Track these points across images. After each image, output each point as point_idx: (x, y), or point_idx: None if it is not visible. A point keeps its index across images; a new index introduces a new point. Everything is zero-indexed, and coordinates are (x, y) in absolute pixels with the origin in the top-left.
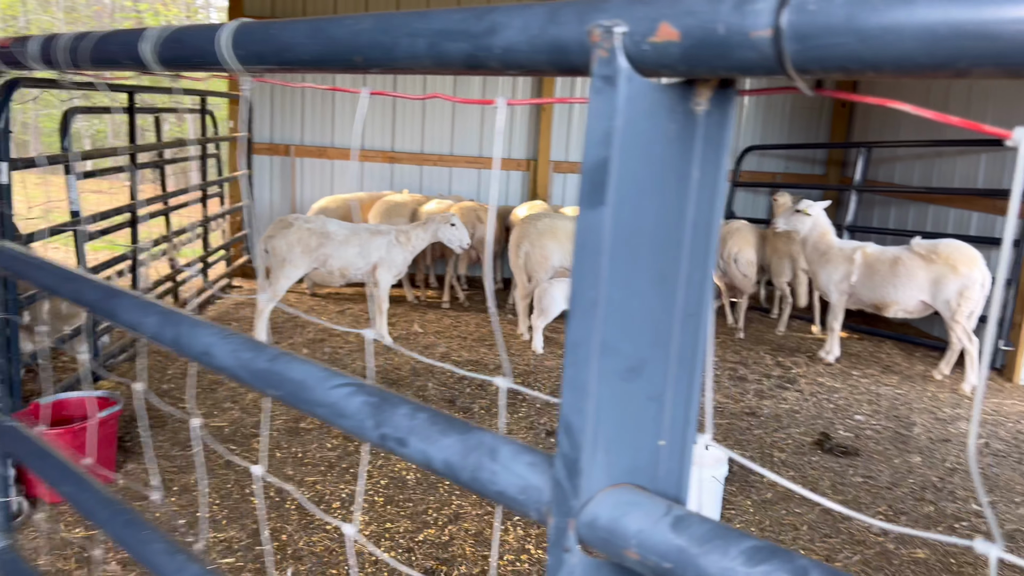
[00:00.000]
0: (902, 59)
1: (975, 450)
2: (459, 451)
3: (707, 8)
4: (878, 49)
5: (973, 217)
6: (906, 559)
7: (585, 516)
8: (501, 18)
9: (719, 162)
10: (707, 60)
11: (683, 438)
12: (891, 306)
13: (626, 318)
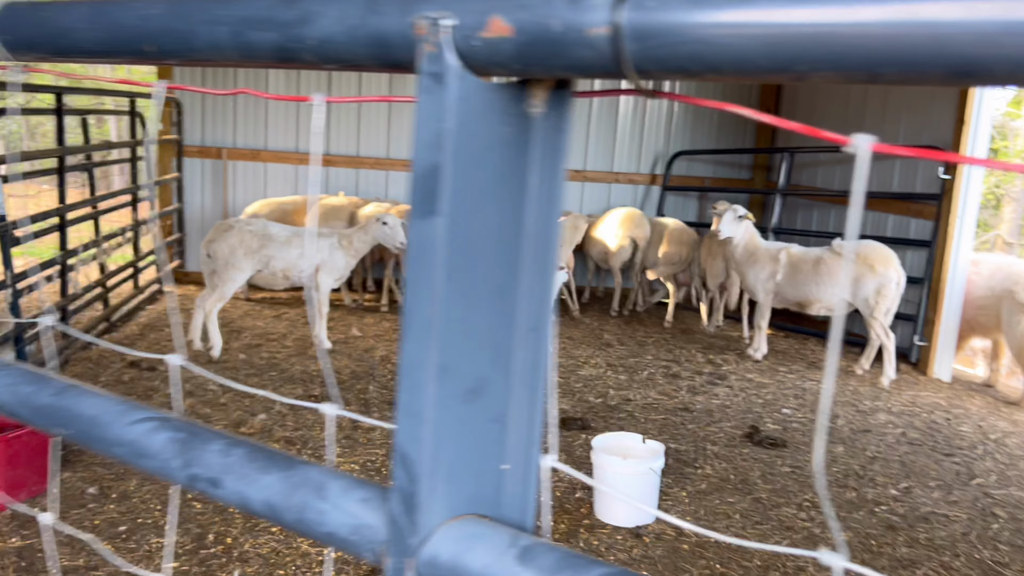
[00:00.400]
0: (743, 61)
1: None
2: (282, 490)
3: (542, 2)
4: (719, 50)
5: (889, 219)
6: (831, 542)
7: (425, 554)
8: (315, 6)
9: (557, 167)
10: (543, 58)
11: (527, 460)
12: (814, 304)
13: (465, 336)
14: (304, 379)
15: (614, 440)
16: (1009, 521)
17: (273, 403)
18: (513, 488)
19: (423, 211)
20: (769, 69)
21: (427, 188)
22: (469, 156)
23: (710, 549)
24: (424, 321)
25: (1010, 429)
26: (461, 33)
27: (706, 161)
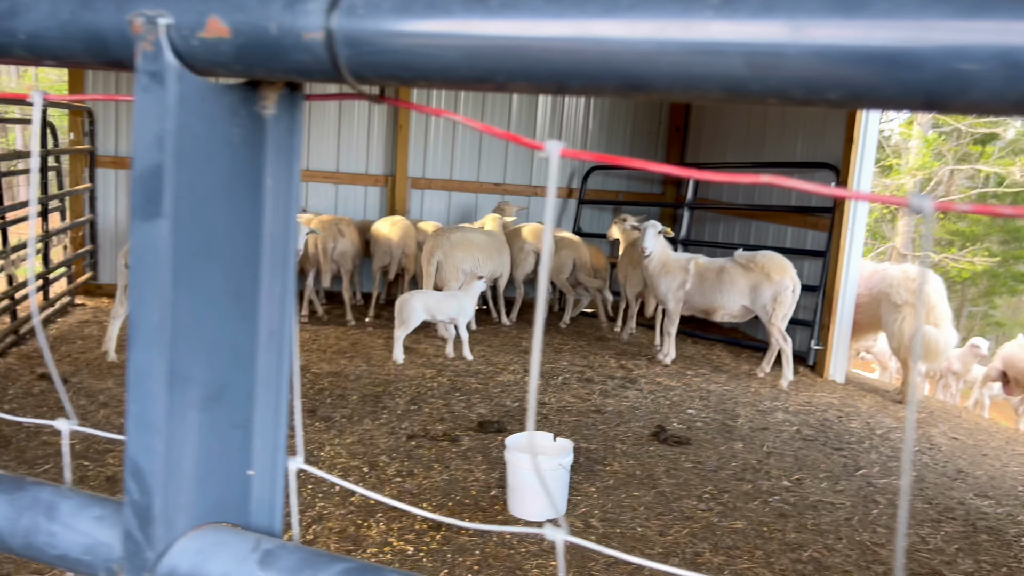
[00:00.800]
0: (448, 70)
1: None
2: (8, 514)
3: (258, 5)
4: (426, 59)
5: (788, 231)
6: (727, 529)
7: (163, 567)
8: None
9: (291, 169)
10: (263, 61)
11: (273, 464)
12: (718, 311)
13: (199, 342)
14: None
15: (526, 439)
16: (888, 507)
17: None
18: (260, 493)
19: (145, 213)
20: (472, 78)
21: (149, 190)
22: (194, 157)
23: (615, 539)
24: (151, 327)
25: (895, 425)
26: (179, 32)
27: (620, 176)
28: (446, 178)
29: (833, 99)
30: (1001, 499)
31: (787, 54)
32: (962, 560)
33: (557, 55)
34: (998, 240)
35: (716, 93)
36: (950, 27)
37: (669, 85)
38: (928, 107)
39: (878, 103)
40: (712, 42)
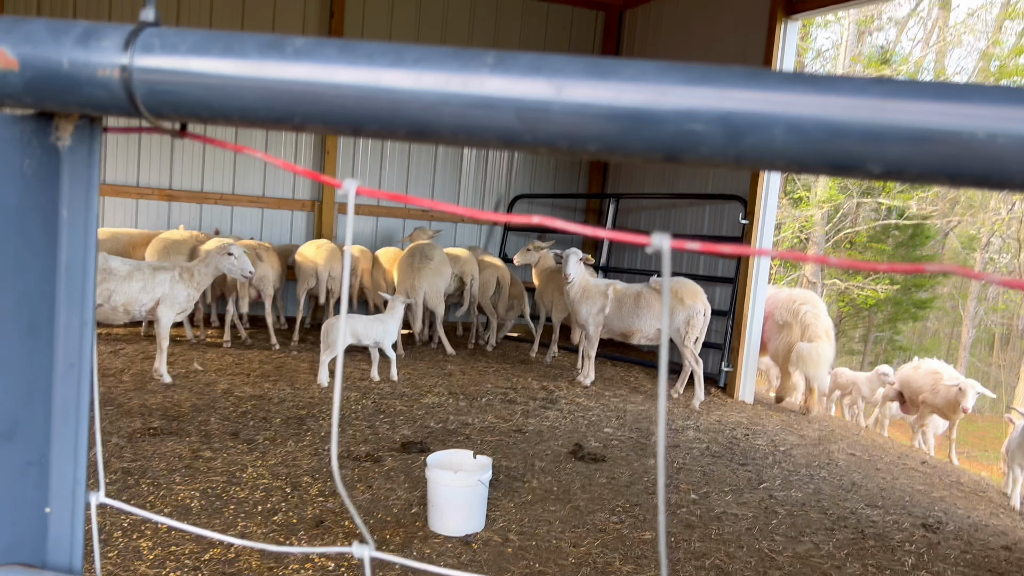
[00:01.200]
0: (245, 110)
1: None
2: None
3: (49, 39)
4: (223, 99)
5: (700, 259)
6: (637, 540)
7: None
8: None
9: (89, 201)
10: (56, 94)
11: (72, 500)
12: (635, 334)
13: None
14: (142, 412)
15: (447, 457)
16: (786, 517)
17: (111, 435)
18: (60, 530)
19: None
20: (269, 119)
21: None
22: (13, 185)
23: (531, 552)
24: None
25: (797, 442)
26: None
27: (544, 204)
28: (373, 204)
29: (592, 150)
30: (889, 508)
31: (551, 110)
32: (851, 564)
33: (351, 101)
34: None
35: (494, 142)
36: (681, 93)
37: (453, 133)
38: (669, 159)
39: (629, 155)
40: (488, 96)
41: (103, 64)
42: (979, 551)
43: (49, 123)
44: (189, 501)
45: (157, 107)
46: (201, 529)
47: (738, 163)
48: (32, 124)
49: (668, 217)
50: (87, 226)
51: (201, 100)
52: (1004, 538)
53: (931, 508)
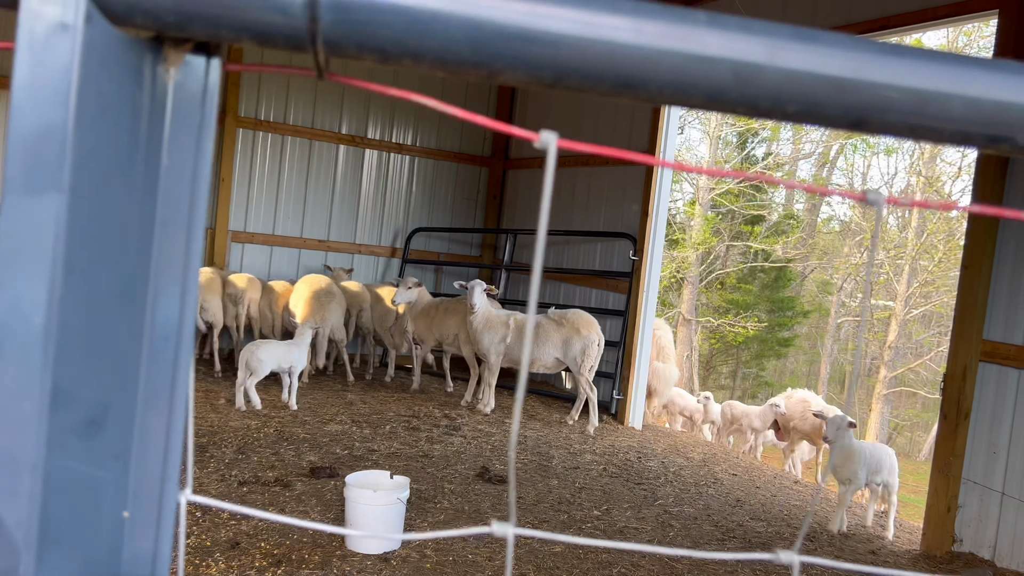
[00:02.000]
0: (446, 51)
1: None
2: None
3: None
4: (424, 36)
5: (593, 293)
6: (548, 553)
7: None
8: None
9: (200, 149)
10: (214, 16)
11: (159, 503)
12: (535, 363)
13: (87, 351)
14: None
15: (364, 477)
16: (682, 530)
17: None
18: (139, 543)
19: (29, 186)
20: (470, 62)
21: (38, 156)
22: (97, 121)
23: (448, 566)
24: (31, 333)
25: (685, 464)
26: None
27: (441, 238)
28: (268, 232)
29: (790, 111)
30: (771, 521)
31: (765, 71)
32: (742, 570)
33: (564, 48)
34: (766, 309)
35: (698, 99)
36: (878, 63)
37: (661, 88)
38: (854, 125)
39: (820, 119)
40: (706, 54)
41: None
42: (850, 556)
43: (158, 50)
44: None
45: (340, 40)
46: (317, 524)
47: (913, 132)
48: (143, 50)
49: (562, 252)
50: (195, 178)
51: (397, 37)
52: (870, 544)
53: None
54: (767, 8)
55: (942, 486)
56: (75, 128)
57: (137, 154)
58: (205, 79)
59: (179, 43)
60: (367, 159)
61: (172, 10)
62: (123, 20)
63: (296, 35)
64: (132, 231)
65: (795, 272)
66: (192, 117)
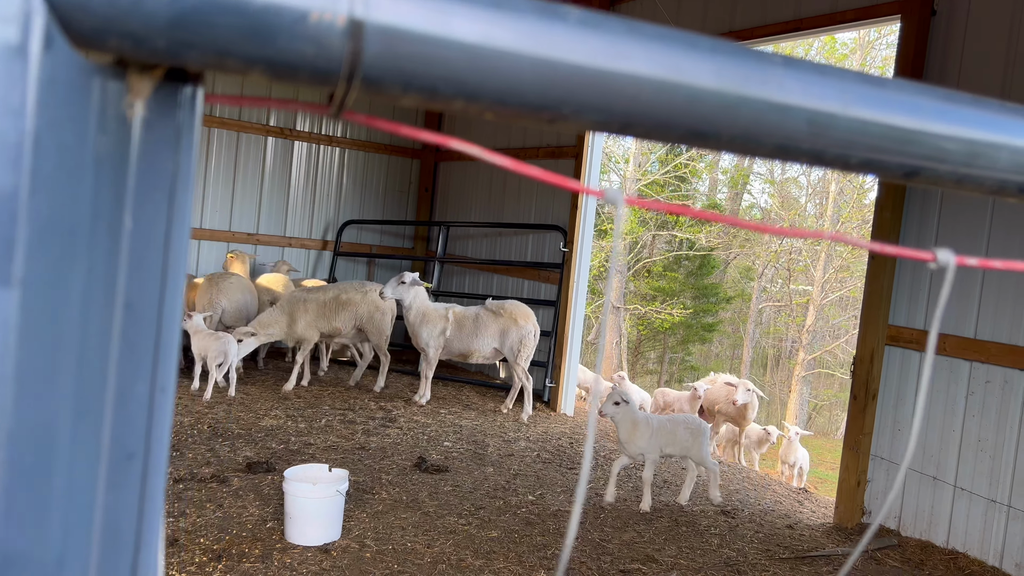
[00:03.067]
0: (508, 94)
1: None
2: None
3: None
4: (488, 75)
5: (525, 284)
6: (485, 538)
7: None
8: None
9: (174, 205)
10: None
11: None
12: (474, 354)
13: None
14: None
15: (302, 471)
16: (611, 512)
17: None
18: None
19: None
20: (533, 106)
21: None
22: (55, 182)
23: (389, 555)
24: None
25: (615, 448)
26: None
27: (373, 230)
28: (196, 226)
29: (853, 164)
30: (696, 500)
31: (837, 121)
32: (668, 547)
33: (644, 91)
34: (691, 295)
35: (768, 150)
36: (938, 112)
37: (733, 138)
38: (908, 176)
39: (882, 170)
40: (785, 102)
41: (320, 7)
42: (769, 531)
43: (120, 79)
44: None
45: (382, 75)
46: None
47: (959, 183)
48: (105, 78)
49: (495, 244)
50: (168, 244)
51: (455, 72)
52: (787, 519)
53: (729, 498)
54: (688, 9)
55: (852, 462)
56: (30, 196)
57: (99, 221)
58: (182, 115)
59: (147, 68)
60: (296, 151)
61: (164, 33)
62: (89, 43)
63: (328, 68)
64: (96, 319)
65: (718, 260)
66: (163, 165)
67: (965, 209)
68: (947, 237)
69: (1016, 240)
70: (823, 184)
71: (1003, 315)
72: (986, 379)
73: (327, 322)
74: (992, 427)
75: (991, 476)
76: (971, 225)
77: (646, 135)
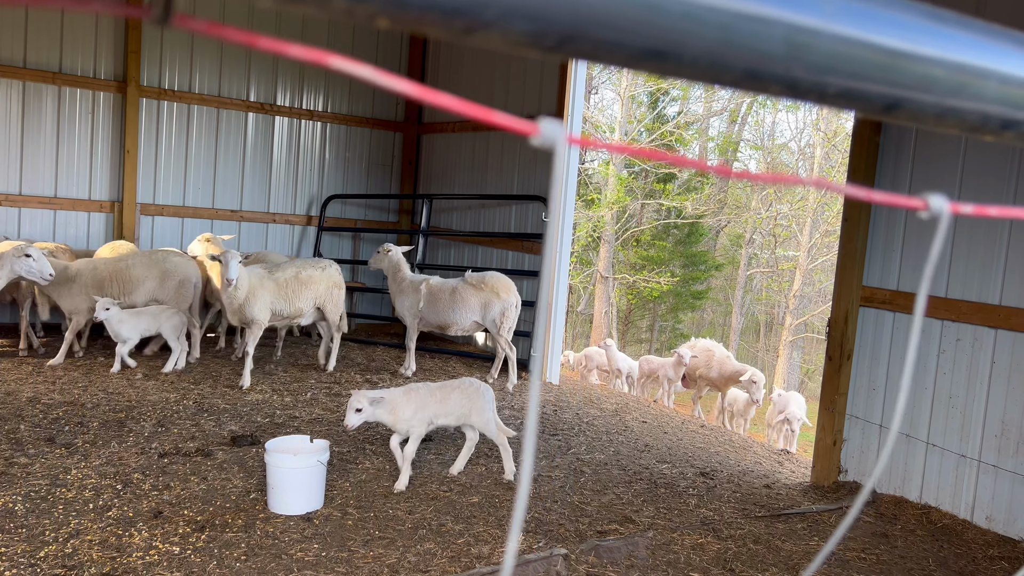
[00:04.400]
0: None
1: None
2: None
3: None
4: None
5: (509, 255)
6: (465, 504)
7: None
8: None
9: None
10: None
11: None
12: (452, 326)
13: None
14: None
15: (285, 442)
16: (592, 475)
17: None
18: None
19: None
20: (448, 6)
21: None
22: None
23: (370, 522)
24: None
25: (598, 415)
26: None
27: (358, 204)
28: (179, 204)
29: (830, 94)
30: (675, 463)
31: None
32: (647, 508)
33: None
34: (679, 264)
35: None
36: (931, 33)
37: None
38: (887, 110)
39: (859, 103)
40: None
41: None
42: (746, 491)
43: None
44: (12, 505)
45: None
46: None
47: (939, 119)
48: None
49: (478, 216)
50: None
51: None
52: (766, 479)
53: (709, 461)
54: None
55: (828, 422)
56: None
57: None
58: None
59: None
60: (277, 126)
61: None
62: None
63: None
64: None
65: (706, 227)
66: None
67: (938, 158)
68: (921, 188)
69: (987, 189)
70: (811, 149)
71: (972, 274)
72: (956, 337)
73: (288, 304)
74: (963, 384)
75: (962, 432)
76: (944, 175)
77: (591, 54)
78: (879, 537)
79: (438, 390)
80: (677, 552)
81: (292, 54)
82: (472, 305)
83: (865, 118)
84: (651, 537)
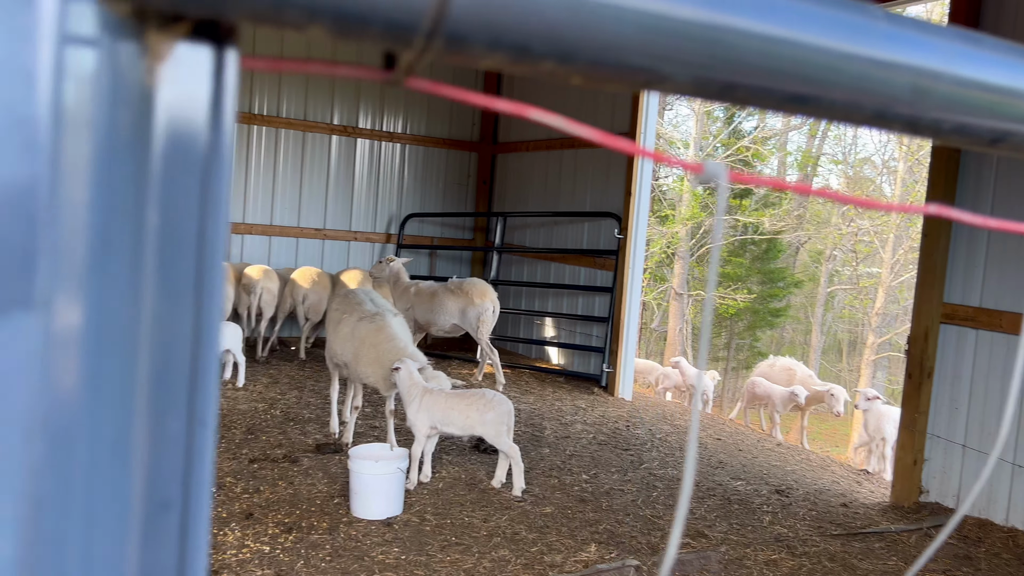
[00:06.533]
0: (608, 51)
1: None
2: None
3: None
4: (589, 30)
5: (581, 271)
6: (539, 514)
7: None
8: None
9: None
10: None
11: None
12: (432, 326)
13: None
14: None
15: (366, 449)
16: (665, 490)
17: None
18: None
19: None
20: (634, 66)
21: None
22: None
23: (447, 528)
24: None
25: (671, 431)
26: None
27: (434, 223)
28: (267, 223)
29: (945, 130)
30: (749, 480)
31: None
32: (720, 523)
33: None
34: (757, 281)
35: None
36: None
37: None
38: (995, 143)
39: (969, 140)
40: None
41: None
42: (823, 509)
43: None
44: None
45: (468, 31)
46: None
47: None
48: (123, 40)
49: (551, 233)
50: (202, 244)
51: (549, 26)
52: (843, 498)
53: (784, 479)
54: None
55: (908, 441)
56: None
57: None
58: (215, 81)
59: (168, 22)
60: (359, 148)
61: None
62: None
63: (406, 22)
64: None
65: (785, 243)
66: (195, 143)
67: (1021, 172)
68: (1003, 203)
69: None
70: (895, 162)
71: None
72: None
73: None
74: None
75: None
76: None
77: (744, 99)
78: (962, 560)
79: (451, 397)
80: (750, 568)
81: (499, 108)
82: (450, 309)
83: None
84: (724, 552)
